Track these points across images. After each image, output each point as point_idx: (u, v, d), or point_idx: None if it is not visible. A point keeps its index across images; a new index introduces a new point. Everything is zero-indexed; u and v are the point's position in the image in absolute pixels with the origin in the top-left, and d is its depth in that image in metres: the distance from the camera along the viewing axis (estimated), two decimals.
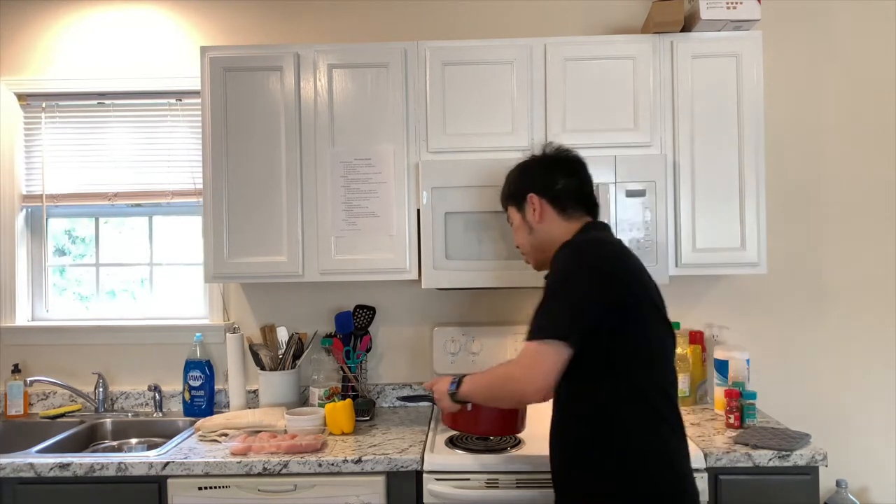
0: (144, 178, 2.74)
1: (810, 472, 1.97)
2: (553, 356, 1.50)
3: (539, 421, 1.84)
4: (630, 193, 2.20)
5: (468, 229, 2.22)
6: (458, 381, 1.76)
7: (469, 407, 1.81)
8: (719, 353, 2.40)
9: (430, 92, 2.32)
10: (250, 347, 2.54)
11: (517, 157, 2.26)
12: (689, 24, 2.28)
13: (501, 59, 2.31)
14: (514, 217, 1.81)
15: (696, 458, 1.95)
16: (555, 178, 1.75)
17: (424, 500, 1.97)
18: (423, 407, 2.60)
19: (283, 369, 2.50)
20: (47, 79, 2.71)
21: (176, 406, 2.67)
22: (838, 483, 2.35)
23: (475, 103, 2.31)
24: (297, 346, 2.53)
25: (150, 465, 2.02)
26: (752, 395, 2.23)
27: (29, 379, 2.56)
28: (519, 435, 2.03)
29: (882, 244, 2.63)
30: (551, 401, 1.66)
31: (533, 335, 1.53)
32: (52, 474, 2.03)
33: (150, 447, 2.40)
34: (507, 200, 1.84)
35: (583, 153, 2.25)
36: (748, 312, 2.64)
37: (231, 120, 2.35)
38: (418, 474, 2.01)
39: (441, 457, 2.02)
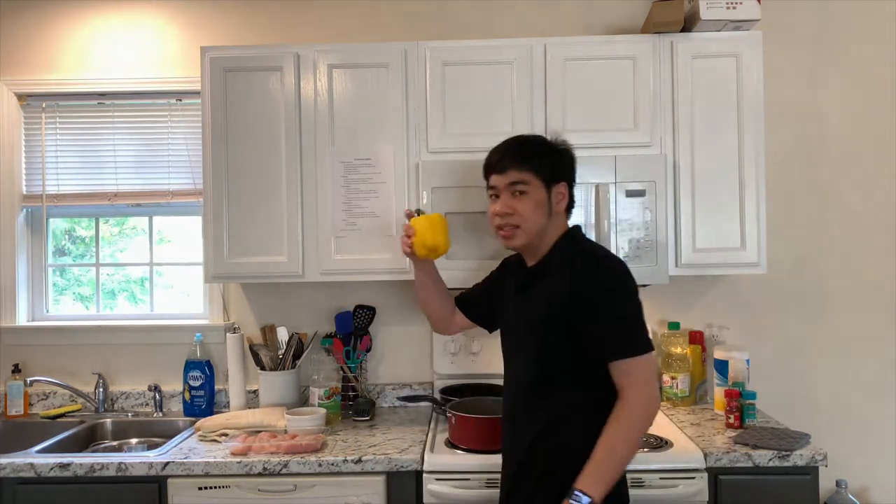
0: (144, 178, 2.74)
1: (810, 472, 1.97)
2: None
3: None
4: (630, 193, 2.20)
5: (468, 229, 2.21)
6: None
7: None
8: (719, 353, 2.40)
9: (429, 92, 2.32)
10: (250, 347, 2.54)
11: None
12: (689, 24, 2.28)
13: (501, 59, 2.31)
14: (536, 192, 1.67)
15: (696, 459, 1.96)
16: (576, 174, 1.78)
17: (424, 500, 1.97)
18: (423, 407, 2.60)
19: (283, 369, 2.50)
20: (47, 79, 2.71)
21: (176, 406, 2.67)
22: (838, 483, 2.35)
23: (475, 103, 2.31)
24: (297, 346, 2.53)
25: (150, 465, 2.02)
26: (752, 395, 2.23)
27: (29, 379, 2.56)
28: None
29: (882, 244, 2.62)
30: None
31: (634, 352, 1.57)
32: (52, 474, 2.03)
33: (150, 447, 2.40)
34: (537, 170, 1.67)
35: (583, 153, 2.26)
36: (748, 312, 2.64)
37: (231, 120, 2.35)
38: (418, 474, 2.01)
39: (441, 457, 2.02)
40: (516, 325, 1.75)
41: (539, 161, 1.69)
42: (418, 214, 1.91)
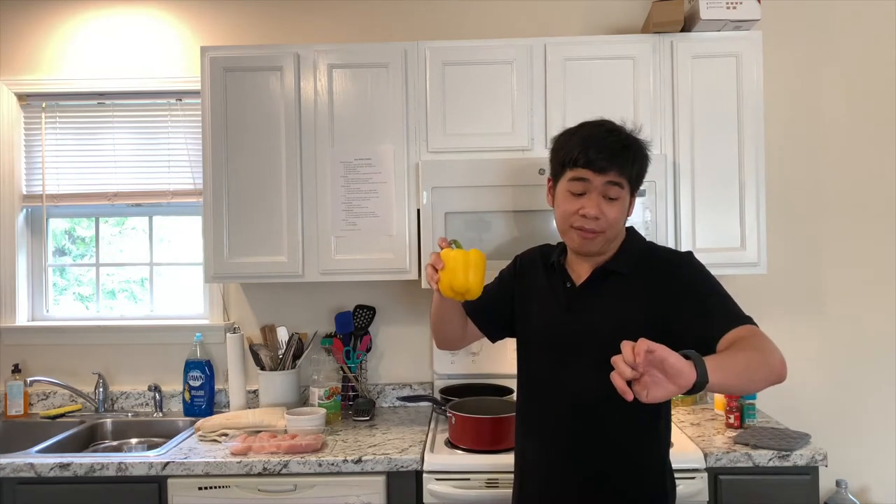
0: (144, 178, 2.74)
1: (810, 472, 1.97)
2: None
3: None
4: None
5: (468, 229, 2.21)
6: (703, 371, 1.19)
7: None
8: None
9: (430, 92, 2.32)
10: (250, 347, 2.54)
11: (517, 158, 2.29)
12: (689, 24, 2.28)
13: (501, 59, 2.31)
14: (625, 197, 1.52)
15: (696, 458, 1.96)
16: None
17: (424, 500, 1.97)
18: (423, 407, 2.60)
19: (283, 369, 2.50)
20: (47, 79, 2.71)
21: (176, 406, 2.67)
22: (838, 483, 2.35)
23: (475, 103, 2.31)
24: (297, 346, 2.53)
25: (150, 465, 2.02)
26: (752, 395, 2.23)
27: (29, 379, 2.56)
28: None
29: (882, 244, 2.63)
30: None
31: (748, 320, 1.53)
32: (52, 474, 2.03)
33: (150, 447, 2.40)
34: (630, 175, 1.52)
35: None
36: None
37: (231, 120, 2.35)
38: (418, 474, 2.01)
39: (441, 457, 2.02)
40: (572, 333, 1.54)
41: (637, 165, 1.52)
42: (454, 246, 1.54)
